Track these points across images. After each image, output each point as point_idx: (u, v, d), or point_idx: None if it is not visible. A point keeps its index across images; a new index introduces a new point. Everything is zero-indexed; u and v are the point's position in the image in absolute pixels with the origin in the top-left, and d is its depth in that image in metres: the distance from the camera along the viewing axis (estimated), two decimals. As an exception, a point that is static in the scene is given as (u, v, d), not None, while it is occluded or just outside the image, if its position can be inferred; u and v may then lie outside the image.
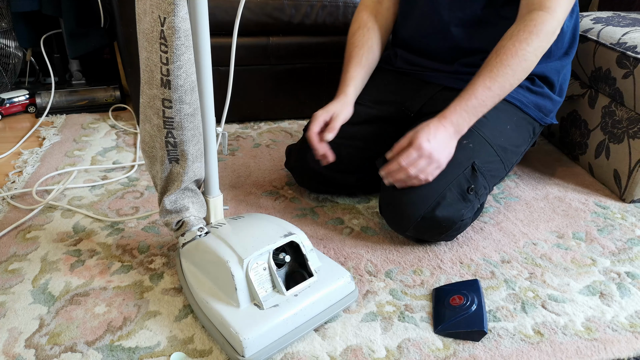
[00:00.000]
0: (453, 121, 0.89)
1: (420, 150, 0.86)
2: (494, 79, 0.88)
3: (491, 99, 0.89)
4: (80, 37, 1.56)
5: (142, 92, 0.72)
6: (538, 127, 1.07)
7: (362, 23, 1.08)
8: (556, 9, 0.87)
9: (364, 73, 1.06)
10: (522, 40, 0.87)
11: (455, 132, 0.89)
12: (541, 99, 1.04)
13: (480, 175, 0.92)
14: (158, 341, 0.73)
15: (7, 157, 1.31)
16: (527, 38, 0.86)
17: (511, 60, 0.87)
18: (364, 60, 1.06)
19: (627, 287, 0.86)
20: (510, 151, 0.99)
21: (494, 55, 0.89)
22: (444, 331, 0.75)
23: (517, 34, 0.87)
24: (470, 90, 0.89)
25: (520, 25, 0.88)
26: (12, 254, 0.91)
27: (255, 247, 0.73)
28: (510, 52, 0.87)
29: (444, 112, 0.90)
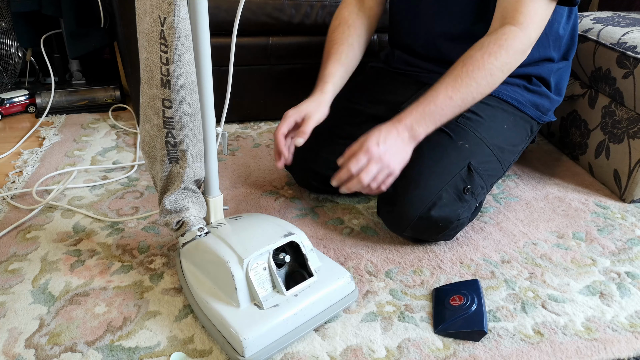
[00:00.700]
0: (408, 125, 0.85)
1: (368, 154, 0.81)
2: (457, 88, 0.84)
3: (451, 109, 0.85)
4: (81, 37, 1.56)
5: (142, 92, 0.72)
6: (536, 126, 1.07)
7: (343, 20, 1.05)
8: (528, 25, 0.84)
9: (343, 70, 1.01)
10: (490, 54, 0.84)
11: (410, 137, 0.85)
12: (539, 97, 1.04)
13: (476, 175, 0.92)
14: (158, 341, 0.73)
15: (7, 157, 1.31)
16: (496, 52, 0.84)
17: (477, 73, 0.84)
18: (343, 57, 1.01)
19: (627, 287, 0.86)
20: (508, 150, 0.99)
21: (460, 63, 0.85)
22: (444, 331, 0.75)
23: (486, 47, 0.84)
24: (430, 96, 0.85)
25: (492, 38, 0.85)
26: (12, 254, 0.91)
27: (255, 247, 0.73)
28: (477, 64, 0.84)
29: (401, 115, 0.86)
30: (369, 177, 0.82)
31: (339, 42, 1.02)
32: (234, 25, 0.72)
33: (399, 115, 0.86)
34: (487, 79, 0.84)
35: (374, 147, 0.82)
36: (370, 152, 0.82)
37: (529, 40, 0.86)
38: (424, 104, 0.85)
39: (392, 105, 1.08)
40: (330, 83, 0.97)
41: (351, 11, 1.06)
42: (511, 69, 0.86)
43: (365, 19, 1.07)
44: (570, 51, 1.07)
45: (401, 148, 0.84)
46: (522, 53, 0.86)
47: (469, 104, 0.86)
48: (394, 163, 0.83)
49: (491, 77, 0.85)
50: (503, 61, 0.84)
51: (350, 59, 1.02)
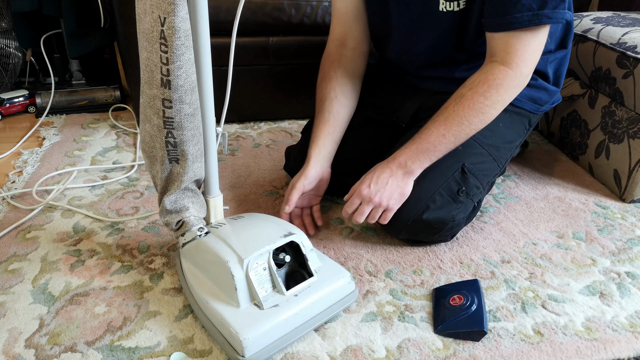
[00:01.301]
0: (401, 163, 0.88)
1: (360, 196, 0.87)
2: (449, 127, 0.86)
3: (445, 145, 0.87)
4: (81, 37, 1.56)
5: (142, 92, 0.72)
6: (534, 118, 1.06)
7: (324, 73, 1.04)
8: (519, 64, 0.84)
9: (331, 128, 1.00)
10: (480, 94, 0.85)
11: (404, 174, 0.88)
12: (536, 91, 1.03)
13: (471, 176, 0.92)
14: (158, 341, 0.73)
15: (7, 157, 1.31)
16: (486, 92, 0.84)
17: (468, 112, 0.85)
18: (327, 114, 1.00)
19: (627, 287, 0.86)
20: (503, 148, 0.99)
21: (452, 102, 0.87)
22: (444, 331, 0.75)
23: (476, 86, 0.85)
24: (423, 134, 0.88)
25: (482, 76, 0.86)
26: (12, 254, 0.91)
27: (255, 247, 0.73)
28: (467, 104, 0.85)
29: (395, 153, 0.89)
30: (362, 217, 0.88)
31: (324, 99, 1.02)
32: (234, 25, 0.72)
33: (394, 153, 0.89)
34: (479, 117, 0.86)
35: (365, 189, 0.87)
36: (361, 195, 0.88)
37: (522, 77, 0.86)
38: (418, 142, 0.88)
39: (386, 108, 1.08)
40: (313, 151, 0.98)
41: (332, 60, 1.04)
42: (505, 105, 0.88)
43: (348, 62, 1.04)
44: (568, 37, 1.04)
45: (396, 184, 0.88)
46: (514, 89, 0.87)
47: (463, 139, 0.89)
48: (386, 200, 0.87)
49: (483, 115, 0.86)
50: (494, 100, 0.85)
51: (336, 113, 1.01)
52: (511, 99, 0.88)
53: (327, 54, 1.06)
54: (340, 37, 1.05)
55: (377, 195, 0.86)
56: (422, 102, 1.05)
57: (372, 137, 1.08)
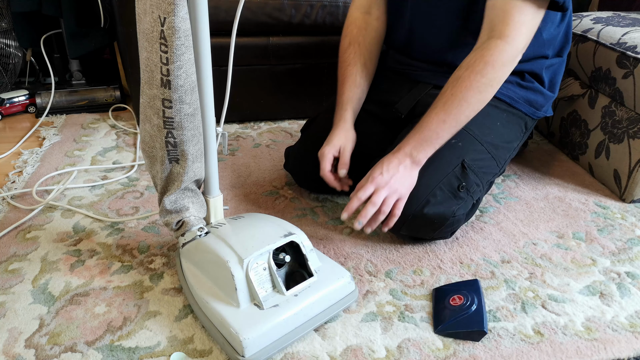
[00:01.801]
0: (407, 152, 0.88)
1: (375, 182, 0.86)
2: (448, 111, 0.86)
3: (446, 131, 0.88)
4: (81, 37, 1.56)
5: (142, 92, 0.72)
6: (530, 121, 1.07)
7: (353, 38, 1.06)
8: (515, 37, 0.84)
9: (359, 91, 1.04)
10: (477, 72, 0.85)
11: (412, 162, 0.88)
12: (532, 93, 1.04)
13: (471, 173, 0.92)
14: (158, 341, 0.73)
15: (7, 157, 1.31)
16: (483, 69, 0.84)
17: (466, 93, 0.85)
18: (357, 78, 1.04)
19: (627, 287, 0.86)
20: (502, 147, 0.99)
21: (449, 86, 0.87)
22: (444, 331, 0.75)
23: (472, 65, 0.85)
24: (424, 123, 0.88)
25: (477, 55, 0.86)
26: (12, 254, 0.91)
27: (255, 247, 0.73)
28: (465, 84, 0.85)
29: (399, 144, 0.90)
30: (380, 199, 0.86)
31: (352, 62, 1.04)
32: (234, 25, 0.72)
33: (398, 144, 0.90)
34: (477, 96, 0.86)
35: (379, 176, 0.87)
36: (376, 181, 0.86)
37: (516, 51, 0.86)
38: (419, 132, 0.88)
39: (387, 105, 1.08)
40: (349, 110, 1.02)
41: (359, 27, 1.07)
42: (501, 82, 0.87)
43: (373, 30, 1.07)
44: (565, 49, 1.07)
45: (406, 174, 0.88)
46: (509, 64, 0.86)
47: (464, 122, 0.88)
48: (401, 187, 0.87)
49: (480, 94, 0.86)
50: (490, 77, 0.85)
51: (364, 78, 1.05)
52: (506, 76, 0.87)
53: (353, 20, 1.08)
54: (365, 5, 1.07)
55: (392, 180, 0.86)
56: (421, 95, 1.06)
57: (373, 132, 1.08)
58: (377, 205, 0.86)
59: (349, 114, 1.01)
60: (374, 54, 1.07)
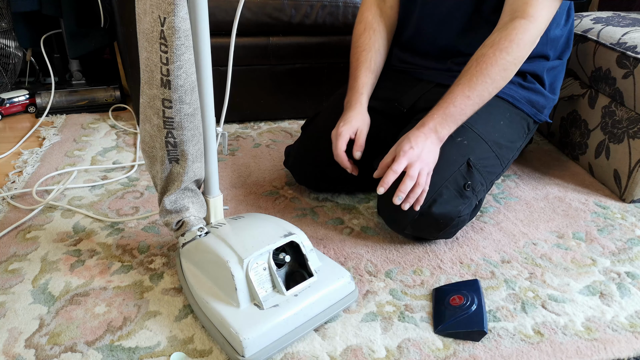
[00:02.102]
0: (431, 127, 0.89)
1: (407, 155, 0.86)
2: (472, 87, 0.88)
3: (470, 107, 0.89)
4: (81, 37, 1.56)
5: (142, 92, 0.72)
6: (532, 124, 1.07)
7: (368, 24, 1.07)
8: (538, 17, 0.86)
9: (373, 77, 1.05)
10: (502, 50, 0.86)
11: (436, 138, 0.89)
12: (534, 94, 1.04)
13: (476, 172, 0.92)
14: (158, 341, 0.73)
15: (7, 157, 1.31)
16: (508, 47, 0.86)
17: (491, 70, 0.87)
18: (372, 64, 1.04)
19: (627, 287, 0.86)
20: (505, 147, 0.99)
21: (474, 63, 0.88)
22: (444, 331, 0.75)
23: (497, 43, 0.87)
24: (449, 98, 0.89)
25: (503, 33, 0.87)
26: (12, 254, 0.91)
27: (255, 247, 0.73)
28: (490, 61, 0.87)
29: (423, 120, 0.90)
30: (416, 172, 0.86)
31: (367, 48, 1.05)
32: (233, 25, 0.72)
33: (421, 120, 0.90)
34: (502, 73, 0.88)
35: (409, 149, 0.86)
36: (407, 154, 0.86)
37: (538, 32, 0.88)
38: (444, 107, 0.89)
39: (389, 102, 1.08)
40: (365, 94, 1.02)
41: (374, 14, 1.07)
42: (522, 61, 0.89)
43: (386, 19, 1.08)
44: (565, 52, 1.08)
45: (431, 148, 0.88)
46: (532, 44, 0.89)
47: (486, 99, 0.90)
48: (431, 161, 0.88)
49: (505, 71, 0.88)
50: (515, 55, 0.87)
51: (378, 64, 1.06)
52: (528, 54, 0.89)
53: (368, 6, 1.09)
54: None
55: (422, 155, 0.86)
56: (424, 92, 1.06)
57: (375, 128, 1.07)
58: (414, 179, 0.86)
59: (364, 97, 1.02)
60: (387, 41, 1.08)
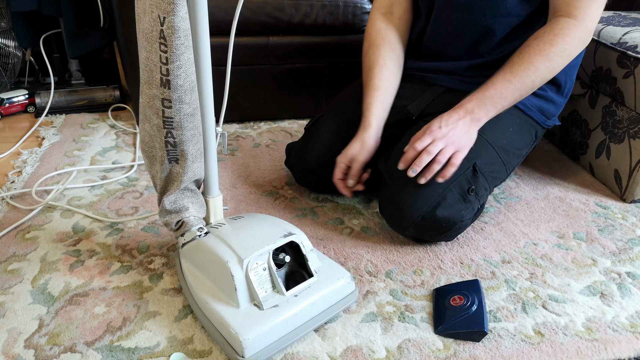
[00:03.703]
0: (468, 109, 0.89)
1: (432, 134, 0.86)
2: (515, 73, 0.88)
3: (511, 92, 0.88)
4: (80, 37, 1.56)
5: (142, 92, 0.72)
6: (540, 130, 1.07)
7: (372, 42, 1.05)
8: (584, 17, 0.86)
9: (381, 93, 1.02)
10: (546, 41, 0.87)
11: (472, 119, 0.89)
12: (545, 102, 1.04)
13: (481, 176, 0.92)
14: (158, 341, 0.73)
15: (6, 157, 1.31)
16: (552, 39, 0.86)
17: (534, 58, 0.87)
18: (377, 81, 1.02)
19: (627, 288, 0.86)
20: (512, 153, 0.99)
21: (517, 53, 0.89)
22: (444, 331, 0.75)
23: (542, 36, 0.87)
24: (489, 82, 0.89)
25: (547, 28, 0.88)
26: (11, 254, 0.91)
27: (255, 247, 0.73)
28: (534, 50, 0.87)
29: (462, 101, 0.90)
30: (436, 149, 0.85)
31: (372, 66, 1.04)
32: (233, 24, 0.72)
33: (461, 102, 0.90)
34: (545, 63, 0.87)
35: (437, 128, 0.86)
36: (433, 133, 0.86)
37: (587, 31, 0.88)
38: (484, 89, 0.88)
39: (398, 108, 1.07)
40: (370, 115, 1.00)
41: (378, 28, 1.06)
42: (571, 56, 0.88)
43: (395, 30, 1.06)
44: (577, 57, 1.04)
45: (465, 129, 0.88)
46: (580, 41, 0.88)
47: (529, 88, 0.89)
48: (459, 141, 0.87)
49: (549, 61, 0.87)
50: (561, 47, 0.86)
51: (385, 79, 1.03)
52: (575, 53, 0.88)
53: (372, 22, 1.07)
54: (387, 5, 1.06)
55: (450, 134, 0.86)
56: (434, 97, 1.05)
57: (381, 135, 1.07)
58: (432, 154, 0.86)
59: (368, 120, 1.00)
60: (396, 53, 1.06)
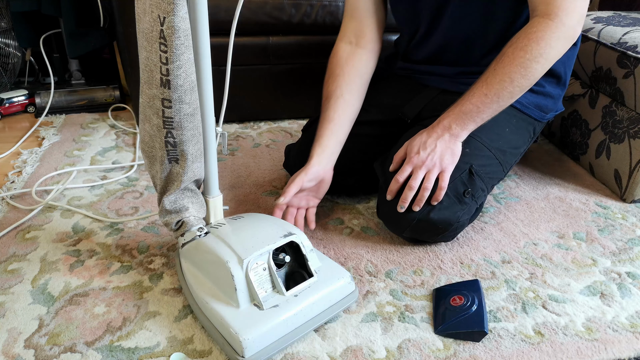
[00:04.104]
0: (446, 125, 0.87)
1: (412, 161, 0.85)
2: (490, 85, 0.85)
3: (488, 106, 0.86)
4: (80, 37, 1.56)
5: (142, 92, 0.72)
6: (539, 126, 1.06)
7: (331, 71, 1.01)
8: (559, 14, 0.82)
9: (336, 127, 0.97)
10: (520, 48, 0.83)
11: (450, 136, 0.87)
12: (542, 98, 1.03)
13: (477, 179, 0.92)
14: (158, 341, 0.73)
15: (6, 157, 1.31)
16: (526, 45, 0.83)
17: (509, 68, 0.84)
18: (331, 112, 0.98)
19: (627, 288, 0.86)
20: (509, 153, 0.99)
21: (494, 63, 0.86)
22: (444, 332, 0.75)
23: (516, 42, 0.85)
24: (466, 96, 0.88)
25: (521, 33, 0.85)
26: (11, 254, 0.91)
27: (255, 247, 0.73)
28: (508, 60, 0.84)
29: (439, 117, 0.88)
30: (419, 179, 0.85)
31: (329, 97, 1.00)
32: (232, 24, 0.72)
33: (439, 117, 0.88)
34: (521, 72, 0.84)
35: (415, 155, 0.85)
36: (413, 160, 0.85)
37: (565, 27, 0.83)
38: (461, 104, 0.87)
39: (394, 109, 1.07)
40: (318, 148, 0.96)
41: (339, 58, 1.02)
42: (549, 59, 0.85)
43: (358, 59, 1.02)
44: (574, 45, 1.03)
45: (445, 148, 0.86)
46: (560, 40, 0.83)
47: (508, 99, 0.86)
48: (441, 161, 0.85)
49: (525, 70, 0.84)
50: (535, 53, 0.83)
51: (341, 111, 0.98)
52: (557, 54, 0.85)
53: (335, 52, 1.04)
54: (351, 34, 1.03)
55: (429, 158, 0.84)
56: (429, 99, 1.05)
57: (375, 135, 1.07)
58: (414, 189, 0.85)
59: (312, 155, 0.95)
60: (356, 83, 1.01)
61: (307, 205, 0.99)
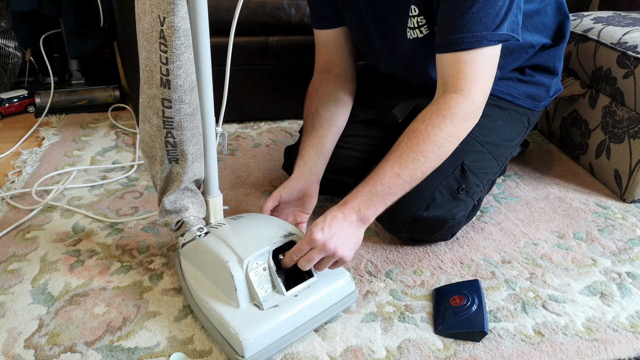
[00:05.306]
0: (354, 208, 0.77)
1: (311, 242, 0.73)
2: (403, 165, 0.78)
3: (400, 186, 0.78)
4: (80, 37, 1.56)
5: (142, 92, 0.72)
6: (534, 115, 1.06)
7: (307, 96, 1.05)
8: (470, 91, 0.79)
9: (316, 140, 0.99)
10: (434, 125, 0.78)
11: (358, 220, 0.77)
12: (534, 87, 1.03)
13: (470, 174, 0.92)
14: (158, 341, 0.73)
15: (6, 157, 1.31)
16: (441, 123, 0.78)
17: (423, 147, 0.78)
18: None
19: (627, 288, 0.86)
20: (503, 146, 0.99)
21: (405, 138, 0.80)
22: (444, 331, 0.75)
23: (429, 118, 0.79)
24: (376, 175, 0.78)
25: (434, 108, 0.80)
26: (11, 254, 0.91)
27: (255, 247, 0.73)
28: (422, 137, 0.78)
29: (347, 197, 0.79)
30: (309, 264, 0.73)
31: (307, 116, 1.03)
32: (232, 24, 0.72)
33: (345, 197, 0.79)
34: (435, 151, 0.79)
35: (318, 234, 0.73)
36: (312, 241, 0.73)
37: (475, 105, 0.80)
38: (371, 184, 0.78)
39: (383, 108, 1.07)
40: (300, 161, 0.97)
41: (313, 85, 1.05)
42: (460, 137, 0.81)
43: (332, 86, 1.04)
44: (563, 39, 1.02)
45: (350, 233, 0.76)
46: (469, 118, 0.81)
47: (419, 178, 0.80)
48: (341, 249, 0.74)
49: (439, 149, 0.79)
50: (449, 132, 0.79)
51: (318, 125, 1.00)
52: (467, 132, 0.82)
53: (311, 82, 1.07)
54: (324, 66, 1.05)
55: (331, 241, 0.73)
56: (420, 99, 1.04)
57: (373, 135, 1.07)
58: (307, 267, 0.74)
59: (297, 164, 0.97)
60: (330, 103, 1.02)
61: (295, 222, 0.97)
